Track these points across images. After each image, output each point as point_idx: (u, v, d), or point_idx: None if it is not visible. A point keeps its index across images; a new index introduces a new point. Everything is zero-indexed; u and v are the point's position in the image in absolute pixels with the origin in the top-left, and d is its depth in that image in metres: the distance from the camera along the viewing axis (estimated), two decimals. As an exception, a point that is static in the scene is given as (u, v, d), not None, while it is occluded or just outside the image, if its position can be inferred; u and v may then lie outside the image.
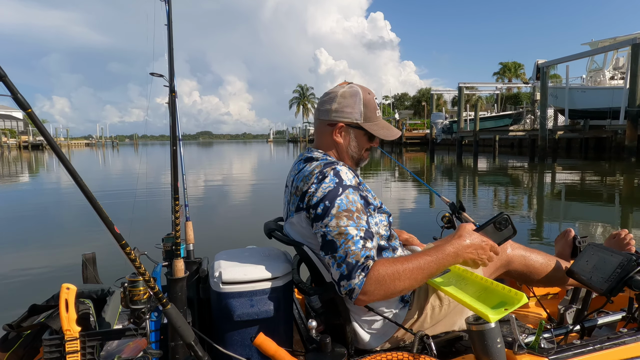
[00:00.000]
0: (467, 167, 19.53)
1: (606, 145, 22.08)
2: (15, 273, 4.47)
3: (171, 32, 1.38)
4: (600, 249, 1.61)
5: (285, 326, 1.42)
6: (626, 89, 17.47)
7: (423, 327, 1.48)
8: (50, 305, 1.42)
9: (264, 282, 1.37)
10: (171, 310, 1.07)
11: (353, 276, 1.18)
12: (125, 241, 0.92)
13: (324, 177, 1.30)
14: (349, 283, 1.19)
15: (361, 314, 1.43)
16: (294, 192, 1.39)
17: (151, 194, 9.99)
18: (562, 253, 1.98)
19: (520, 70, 57.73)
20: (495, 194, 10.65)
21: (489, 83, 43.48)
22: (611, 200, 9.47)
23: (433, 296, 1.51)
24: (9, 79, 0.79)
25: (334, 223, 1.23)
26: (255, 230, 6.21)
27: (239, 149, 58.61)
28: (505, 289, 1.28)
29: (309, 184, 1.32)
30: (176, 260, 1.36)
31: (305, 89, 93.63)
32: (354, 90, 1.46)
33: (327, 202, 1.25)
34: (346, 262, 1.20)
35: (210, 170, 18.90)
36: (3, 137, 55.09)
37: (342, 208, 1.25)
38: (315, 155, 1.46)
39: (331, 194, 1.26)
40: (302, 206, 1.32)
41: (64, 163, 0.85)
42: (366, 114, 1.45)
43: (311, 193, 1.29)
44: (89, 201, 0.88)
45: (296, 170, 1.45)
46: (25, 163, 26.35)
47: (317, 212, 1.26)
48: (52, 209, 9.01)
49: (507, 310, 1.19)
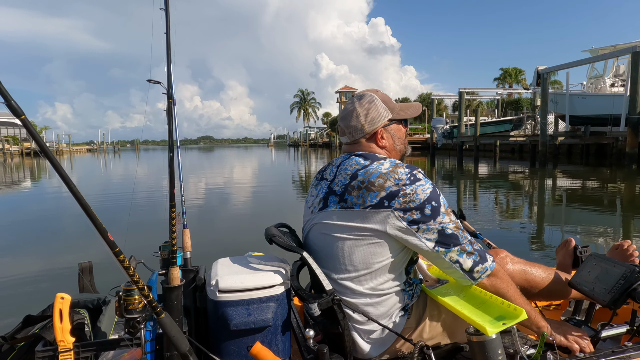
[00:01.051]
0: (467, 172, 19.53)
1: (607, 151, 22.07)
2: (11, 282, 4.39)
3: (169, 40, 1.37)
4: (602, 260, 1.59)
5: (282, 335, 1.39)
6: (626, 96, 17.49)
7: (422, 336, 1.46)
8: (45, 316, 1.39)
9: (262, 290, 1.34)
10: (165, 319, 1.05)
11: (486, 259, 1.35)
12: (118, 249, 0.90)
13: (416, 178, 1.32)
14: (485, 266, 1.34)
15: (360, 323, 1.41)
16: (363, 186, 1.33)
17: (151, 199, 9.95)
18: (563, 263, 1.96)
19: (521, 76, 57.79)
20: (496, 200, 10.63)
21: (490, 89, 43.52)
22: (612, 207, 9.44)
23: (431, 305, 1.49)
24: (2, 86, 0.78)
25: (447, 219, 1.31)
26: (254, 236, 6.19)
27: (239, 154, 58.68)
28: (505, 304, 1.27)
29: (399, 184, 1.30)
30: (172, 268, 1.34)
31: (306, 93, 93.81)
32: (368, 97, 1.50)
33: (433, 202, 1.30)
34: (476, 250, 1.34)
35: (209, 176, 18.88)
36: (6, 144, 55.28)
37: (446, 206, 1.33)
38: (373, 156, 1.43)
39: (434, 195, 1.31)
40: (393, 205, 1.29)
41: (57, 169, 0.84)
42: (389, 107, 1.50)
43: (409, 194, 1.29)
44: (82, 208, 0.87)
45: (355, 164, 1.40)
46: (27, 170, 26.37)
47: (426, 212, 1.29)
48: (50, 215, 8.95)
49: (506, 325, 1.18)
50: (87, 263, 1.84)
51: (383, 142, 1.49)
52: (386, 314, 1.41)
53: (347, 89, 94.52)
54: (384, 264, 1.37)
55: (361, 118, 1.47)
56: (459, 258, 1.32)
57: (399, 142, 1.53)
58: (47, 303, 1.47)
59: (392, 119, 1.50)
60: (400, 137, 1.54)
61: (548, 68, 22.02)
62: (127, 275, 0.93)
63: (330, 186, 1.44)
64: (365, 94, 1.51)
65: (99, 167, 30.00)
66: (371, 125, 1.47)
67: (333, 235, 1.39)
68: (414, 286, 1.49)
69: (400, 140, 1.54)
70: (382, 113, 1.48)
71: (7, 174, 23.53)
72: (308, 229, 1.52)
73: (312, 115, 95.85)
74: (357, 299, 1.40)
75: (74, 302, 1.41)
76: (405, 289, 1.45)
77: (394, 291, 1.42)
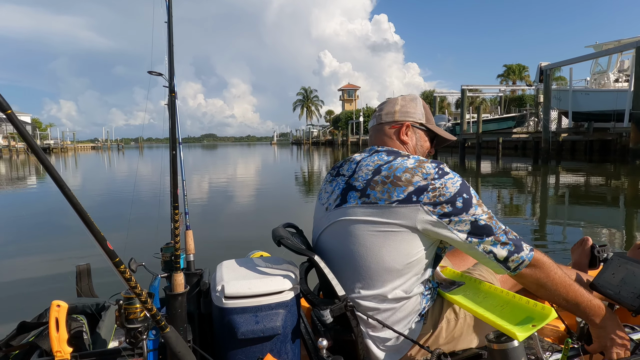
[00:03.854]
0: (470, 169, 19.43)
1: (611, 147, 21.95)
2: (4, 285, 4.21)
3: (171, 29, 1.30)
4: (627, 261, 1.50)
5: (292, 343, 1.32)
6: (631, 91, 17.38)
7: (438, 343, 1.39)
8: (40, 323, 1.31)
9: (271, 295, 1.27)
10: (170, 334, 0.97)
11: (522, 248, 1.26)
12: (118, 258, 0.82)
13: (444, 172, 1.28)
14: (520, 256, 1.25)
15: (374, 330, 1.34)
16: (389, 181, 1.27)
17: (152, 197, 9.80)
18: (579, 262, 1.88)
19: (525, 73, 57.54)
20: (498, 197, 10.54)
21: (493, 85, 43.40)
22: (616, 203, 9.36)
23: (447, 309, 1.42)
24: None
25: (479, 211, 1.26)
26: (259, 236, 6.12)
27: (242, 152, 58.65)
28: (530, 303, 1.18)
29: (426, 178, 1.26)
30: (175, 274, 1.26)
31: (309, 91, 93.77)
32: (413, 95, 1.54)
33: (465, 195, 1.26)
34: (510, 239, 1.26)
35: (212, 173, 18.81)
36: (12, 141, 55.38)
37: (477, 197, 1.28)
38: (396, 151, 1.41)
39: (464, 187, 1.28)
40: (422, 200, 1.24)
41: (49, 170, 0.76)
42: (427, 116, 1.51)
43: (439, 188, 1.25)
44: (79, 214, 0.79)
45: (377, 160, 1.35)
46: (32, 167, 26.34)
47: (457, 205, 1.25)
48: (45, 213, 8.78)
49: (536, 326, 1.09)
50: (85, 265, 1.76)
51: (405, 138, 1.46)
52: (403, 319, 1.34)
53: (350, 86, 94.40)
54: (407, 264, 1.30)
55: (397, 106, 1.49)
56: (492, 248, 1.26)
57: (421, 149, 1.51)
58: (42, 308, 1.39)
59: (422, 124, 1.49)
60: (424, 145, 1.52)
61: (551, 64, 21.88)
62: (128, 286, 0.86)
63: (348, 182, 1.37)
64: (414, 94, 1.55)
65: (103, 164, 29.95)
66: (402, 116, 1.47)
67: (353, 233, 1.31)
68: (433, 290, 1.42)
69: (423, 149, 1.52)
70: (418, 112, 1.49)
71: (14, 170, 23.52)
72: (322, 228, 1.43)
73: (314, 113, 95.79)
74: (375, 303, 1.32)
75: (72, 308, 1.34)
76: (424, 293, 1.38)
77: (414, 294, 1.35)
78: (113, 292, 1.65)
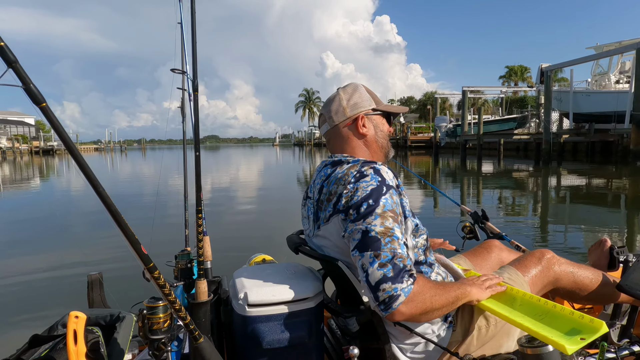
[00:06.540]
0: (471, 170, 19.39)
1: (612, 149, 21.91)
2: (14, 295, 3.96)
3: (194, 29, 1.27)
4: None
5: (317, 352, 1.28)
6: (631, 93, 17.36)
7: (469, 350, 1.34)
8: (53, 336, 1.25)
9: (295, 303, 1.23)
10: (204, 344, 0.93)
11: (400, 280, 1.05)
12: (153, 263, 0.78)
13: (362, 175, 1.18)
14: (395, 287, 1.05)
15: (402, 338, 1.29)
16: (325, 198, 1.25)
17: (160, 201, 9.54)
18: (597, 264, 1.84)
19: (527, 74, 57.43)
20: (500, 198, 10.48)
21: (494, 87, 43.36)
22: (616, 204, 9.33)
23: (478, 316, 1.37)
24: (21, 66, 0.65)
25: (378, 221, 1.10)
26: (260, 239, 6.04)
27: (245, 153, 58.59)
28: (575, 314, 1.12)
29: (345, 184, 1.19)
30: (199, 281, 1.21)
31: (311, 92, 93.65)
32: (353, 84, 1.44)
33: (370, 201, 1.13)
34: (393, 264, 1.06)
35: (213, 176, 18.74)
36: (16, 142, 55.57)
37: (387, 208, 1.13)
38: (344, 159, 1.33)
39: (375, 193, 1.14)
40: (339, 208, 1.18)
41: (83, 169, 0.71)
42: (374, 99, 1.42)
43: (350, 193, 1.16)
44: (112, 215, 0.74)
45: (323, 176, 1.32)
46: (36, 168, 26.31)
47: (360, 211, 1.12)
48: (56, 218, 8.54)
49: (585, 340, 1.02)
50: (97, 275, 1.69)
51: (364, 129, 1.38)
52: (429, 326, 1.29)
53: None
54: None
55: (344, 101, 1.39)
56: (369, 266, 1.07)
57: (381, 135, 1.42)
58: (53, 319, 1.33)
59: (376, 109, 1.41)
60: (384, 130, 1.43)
61: (552, 66, 21.85)
62: (162, 295, 0.81)
63: (315, 204, 1.35)
64: (349, 83, 1.45)
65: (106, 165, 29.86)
66: (353, 109, 1.38)
67: (343, 249, 1.26)
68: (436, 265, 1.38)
69: (383, 135, 1.42)
70: (365, 100, 1.40)
71: (18, 172, 23.47)
72: (318, 251, 1.40)
73: (316, 114, 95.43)
74: None
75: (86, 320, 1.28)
76: (439, 272, 1.35)
77: None
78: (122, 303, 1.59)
